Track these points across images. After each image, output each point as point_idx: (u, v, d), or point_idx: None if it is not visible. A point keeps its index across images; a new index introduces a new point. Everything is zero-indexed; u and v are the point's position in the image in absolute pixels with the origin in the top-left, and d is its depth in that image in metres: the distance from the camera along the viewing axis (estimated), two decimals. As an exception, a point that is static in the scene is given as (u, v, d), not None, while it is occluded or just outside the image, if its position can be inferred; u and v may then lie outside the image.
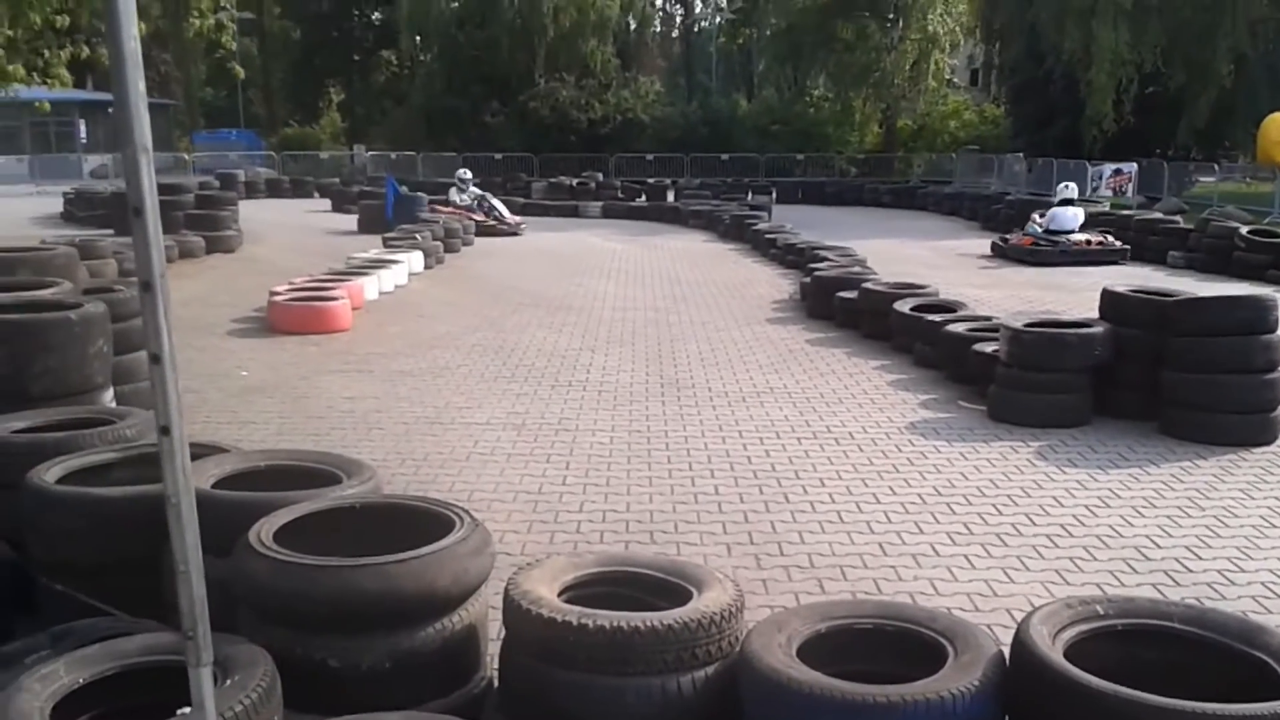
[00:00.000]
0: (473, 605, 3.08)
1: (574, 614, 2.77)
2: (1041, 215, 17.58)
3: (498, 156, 36.04)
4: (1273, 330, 6.86)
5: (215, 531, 3.04)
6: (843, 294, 10.99)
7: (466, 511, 3.25)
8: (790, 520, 5.42)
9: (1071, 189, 18.05)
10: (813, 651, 2.78)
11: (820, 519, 5.44)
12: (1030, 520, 5.43)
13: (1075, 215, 17.18)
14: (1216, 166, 28.26)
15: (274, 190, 31.43)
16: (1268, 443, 6.76)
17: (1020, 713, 2.58)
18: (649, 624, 2.74)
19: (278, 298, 10.86)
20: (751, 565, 4.81)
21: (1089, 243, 16.81)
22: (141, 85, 1.64)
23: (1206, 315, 6.99)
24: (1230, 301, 7.28)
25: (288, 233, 20.77)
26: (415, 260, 14.99)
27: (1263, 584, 4.64)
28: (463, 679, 3.09)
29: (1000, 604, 4.39)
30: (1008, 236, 18.09)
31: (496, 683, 3.15)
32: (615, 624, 2.72)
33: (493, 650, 3.29)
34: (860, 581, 4.66)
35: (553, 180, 30.84)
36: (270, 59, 53.89)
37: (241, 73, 45.14)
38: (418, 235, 16.57)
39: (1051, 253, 16.60)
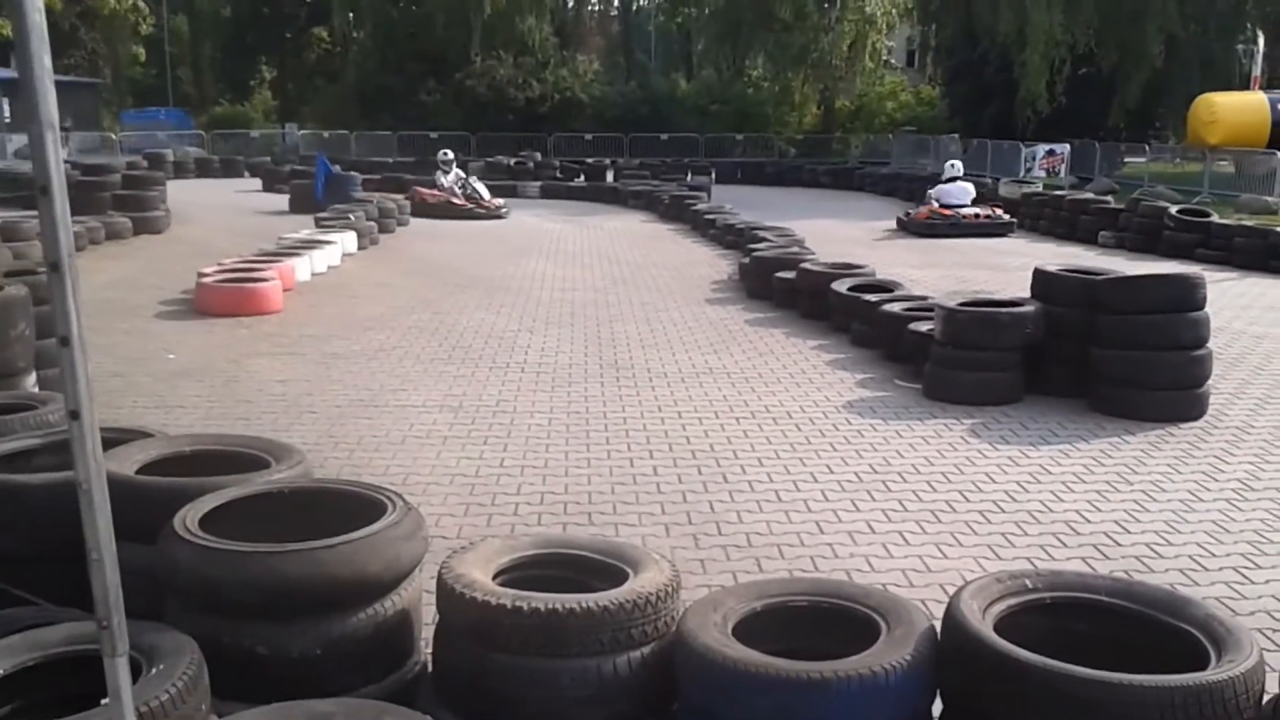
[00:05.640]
0: (406, 590, 3.04)
1: (508, 597, 2.75)
2: (933, 188, 19.44)
3: (434, 135, 35.53)
4: (1200, 308, 6.99)
5: (140, 518, 2.97)
6: (781, 274, 11.03)
7: (399, 495, 3.21)
8: (728, 500, 5.43)
9: (957, 167, 19.78)
10: (748, 630, 2.78)
11: (758, 498, 5.46)
12: (964, 497, 5.51)
13: (964, 190, 18.87)
14: (1147, 147, 28.77)
15: (203, 170, 30.65)
16: (1195, 418, 6.90)
17: (952, 686, 2.61)
18: (584, 605, 2.72)
19: (206, 279, 10.61)
20: (690, 545, 4.81)
21: (979, 216, 18.35)
22: (47, 60, 1.57)
23: (1135, 293, 7.12)
24: (1158, 280, 7.43)
25: (217, 213, 20.30)
26: (349, 240, 14.74)
27: (1189, 557, 4.75)
28: (396, 664, 3.05)
29: (934, 579, 4.44)
30: (910, 212, 19.42)
31: (431, 667, 3.11)
32: (550, 606, 2.70)
33: (428, 634, 3.25)
34: (797, 559, 4.68)
35: (490, 160, 30.41)
36: (200, 36, 52.69)
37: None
38: (351, 215, 16.30)
39: (944, 226, 18.03)
